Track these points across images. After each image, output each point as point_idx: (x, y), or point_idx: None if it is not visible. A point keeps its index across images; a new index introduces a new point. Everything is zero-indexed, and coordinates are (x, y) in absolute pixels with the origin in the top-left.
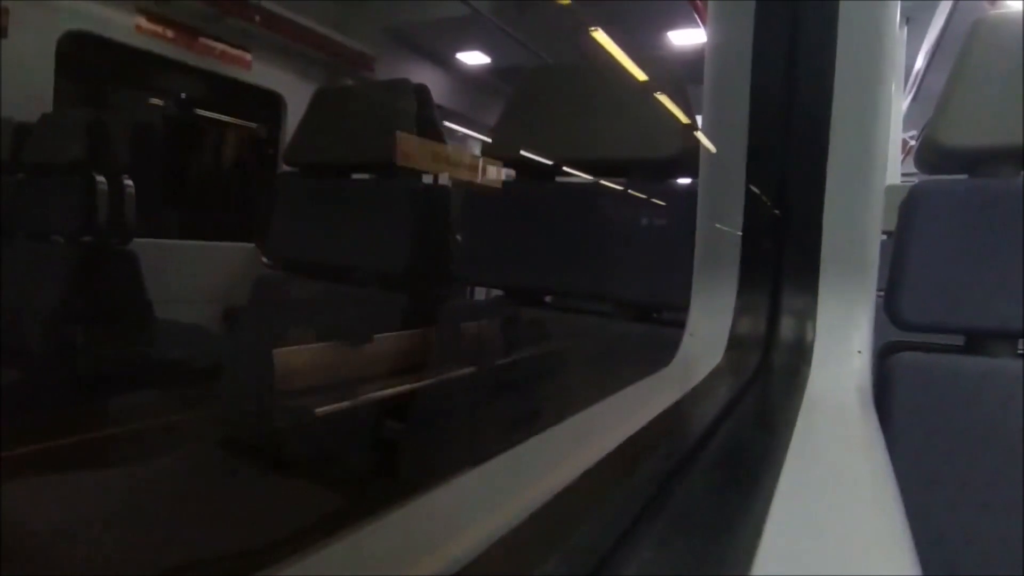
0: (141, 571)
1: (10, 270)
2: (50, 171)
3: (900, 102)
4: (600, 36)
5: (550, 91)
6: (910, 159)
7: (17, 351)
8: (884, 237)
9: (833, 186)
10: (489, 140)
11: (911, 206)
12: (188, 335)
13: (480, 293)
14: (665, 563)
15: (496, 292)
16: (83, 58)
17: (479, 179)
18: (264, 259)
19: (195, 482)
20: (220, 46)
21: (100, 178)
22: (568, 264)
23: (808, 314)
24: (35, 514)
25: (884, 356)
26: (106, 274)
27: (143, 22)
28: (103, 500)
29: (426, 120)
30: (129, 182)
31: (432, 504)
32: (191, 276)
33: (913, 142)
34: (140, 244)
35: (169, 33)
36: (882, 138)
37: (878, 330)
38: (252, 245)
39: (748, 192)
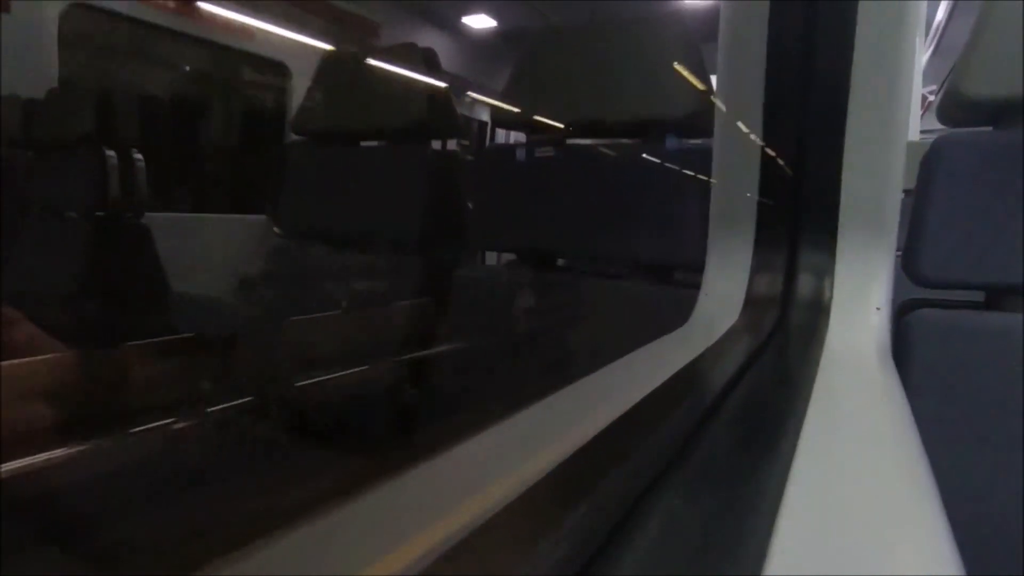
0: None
1: (25, 247)
2: (59, 148)
3: (920, 56)
4: None
5: (559, 52)
6: (930, 115)
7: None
8: (903, 196)
9: (853, 141)
10: (498, 104)
11: (933, 159)
12: (203, 306)
13: (491, 259)
14: (693, 511)
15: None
16: (86, 31)
17: None
18: (276, 229)
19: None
20: (223, 15)
21: (110, 152)
22: (580, 227)
23: (826, 271)
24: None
25: (903, 313)
26: (119, 248)
27: None
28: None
29: (434, 85)
30: (139, 156)
31: (453, 460)
32: (204, 249)
33: (932, 97)
34: (151, 218)
35: (171, 3)
36: (904, 91)
37: (897, 289)
38: (264, 217)
39: (764, 149)
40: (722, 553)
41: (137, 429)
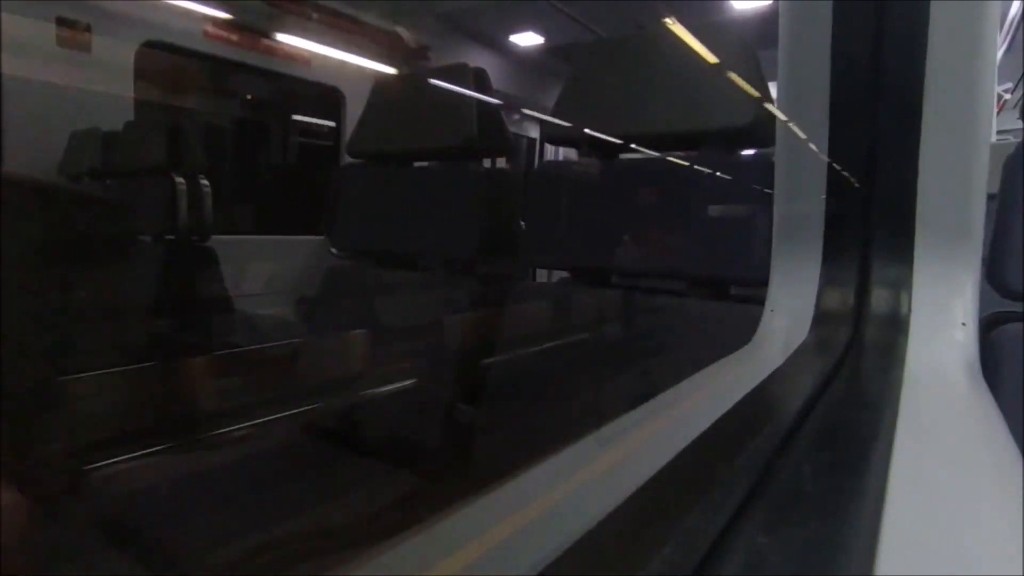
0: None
1: (98, 268)
2: (135, 176)
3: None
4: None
5: (611, 65)
6: (1007, 114)
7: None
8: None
9: (930, 144)
10: (548, 120)
11: (1018, 160)
12: (264, 325)
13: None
14: (780, 548)
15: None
16: (158, 66)
17: None
18: (333, 250)
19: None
20: (281, 46)
21: (180, 180)
22: (636, 243)
23: (903, 285)
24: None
25: (988, 328)
26: (189, 269)
27: (210, 28)
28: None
29: (486, 104)
30: (205, 182)
31: (528, 483)
32: (266, 269)
33: (1008, 96)
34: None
35: (234, 37)
36: (985, 88)
37: (980, 303)
38: (322, 237)
39: (831, 155)
40: None
41: None
